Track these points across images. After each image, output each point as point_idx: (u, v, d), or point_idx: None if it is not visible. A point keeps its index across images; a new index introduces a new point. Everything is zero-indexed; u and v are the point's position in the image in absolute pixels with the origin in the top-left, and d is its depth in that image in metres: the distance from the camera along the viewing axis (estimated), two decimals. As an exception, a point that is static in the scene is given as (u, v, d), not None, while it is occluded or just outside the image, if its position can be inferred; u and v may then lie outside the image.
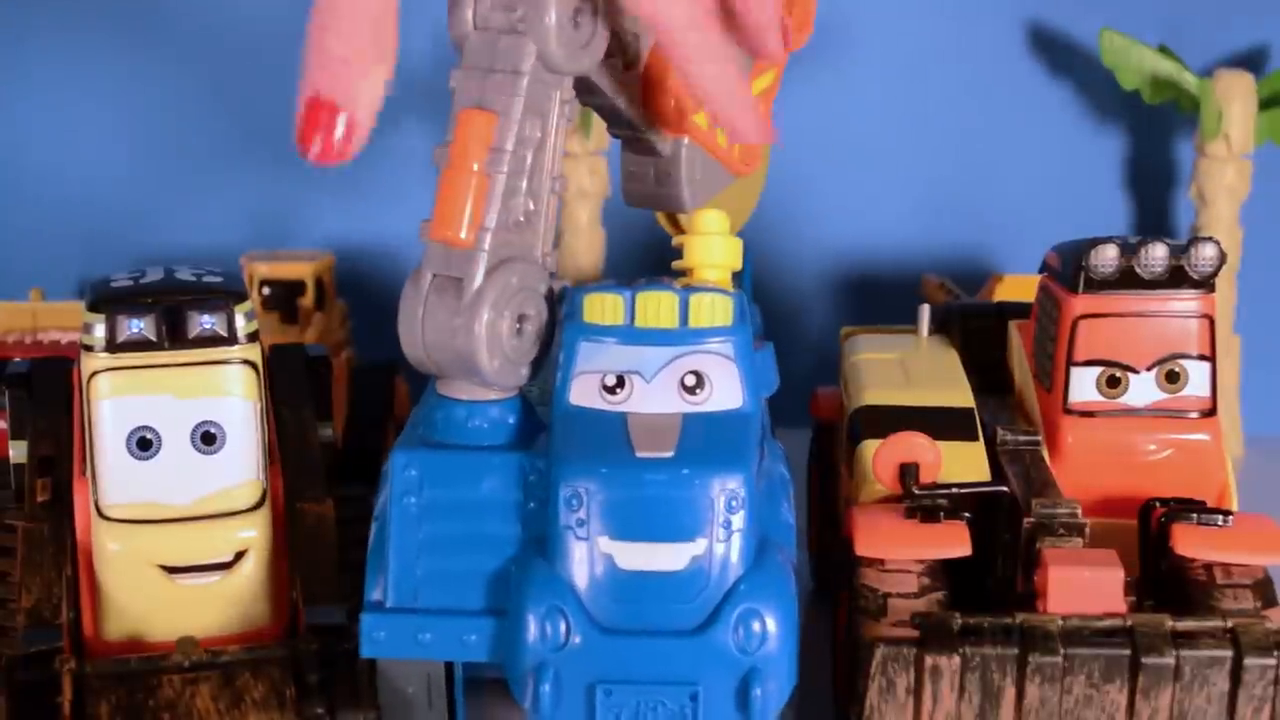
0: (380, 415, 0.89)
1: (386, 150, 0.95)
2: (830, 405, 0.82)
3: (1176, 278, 0.67)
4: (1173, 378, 0.68)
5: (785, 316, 1.11)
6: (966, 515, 0.64)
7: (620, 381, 0.61)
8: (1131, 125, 1.11)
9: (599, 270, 1.06)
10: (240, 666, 0.59)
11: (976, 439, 0.69)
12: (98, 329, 0.61)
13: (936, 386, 0.73)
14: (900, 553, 0.62)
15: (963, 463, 0.67)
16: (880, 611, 0.61)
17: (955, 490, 0.64)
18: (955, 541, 0.62)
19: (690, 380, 0.61)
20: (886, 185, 1.12)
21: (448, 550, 0.60)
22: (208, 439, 0.62)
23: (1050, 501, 0.63)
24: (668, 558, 0.58)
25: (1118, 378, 0.68)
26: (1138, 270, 0.67)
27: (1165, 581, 0.64)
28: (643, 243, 1.04)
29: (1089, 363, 0.68)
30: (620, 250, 1.08)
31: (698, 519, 0.58)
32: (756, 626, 0.58)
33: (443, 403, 0.62)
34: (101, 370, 0.61)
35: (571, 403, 0.61)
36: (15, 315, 0.97)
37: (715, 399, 0.61)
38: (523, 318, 0.61)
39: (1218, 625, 0.58)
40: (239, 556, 0.63)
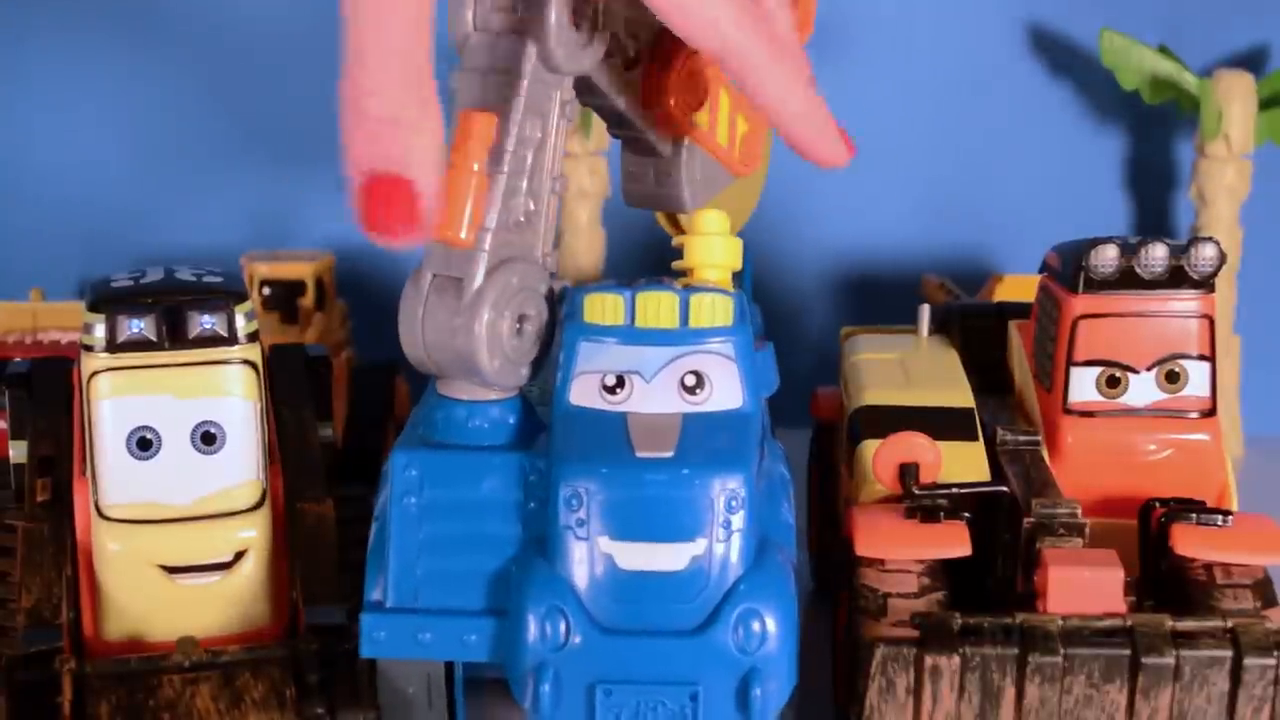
0: (380, 415, 0.89)
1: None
2: (830, 405, 0.82)
3: (1176, 278, 0.67)
4: (1173, 378, 0.68)
5: (785, 316, 1.11)
6: (966, 515, 0.64)
7: (620, 381, 0.61)
8: (1131, 125, 1.11)
9: (599, 270, 1.06)
10: (240, 666, 0.59)
11: (976, 439, 0.69)
12: (98, 329, 0.61)
13: (936, 386, 0.73)
14: (900, 553, 0.62)
15: (963, 463, 0.67)
16: (880, 611, 0.61)
17: (955, 490, 0.64)
18: (955, 541, 0.62)
19: (690, 380, 0.61)
20: (886, 185, 1.11)
21: (448, 550, 0.60)
22: (208, 439, 0.62)
23: (1050, 501, 0.63)
24: (668, 558, 0.58)
25: (1118, 378, 0.68)
26: (1138, 270, 0.67)
27: (1165, 581, 0.64)
28: (643, 243, 1.04)
29: (1089, 363, 0.68)
30: (620, 250, 1.07)
31: (698, 519, 0.58)
32: (756, 626, 0.58)
33: (443, 403, 0.62)
34: (101, 370, 0.61)
35: (572, 403, 0.61)
36: (15, 315, 0.97)
37: (715, 399, 0.61)
38: (523, 318, 0.61)
39: (1218, 625, 0.58)
40: (239, 556, 0.63)
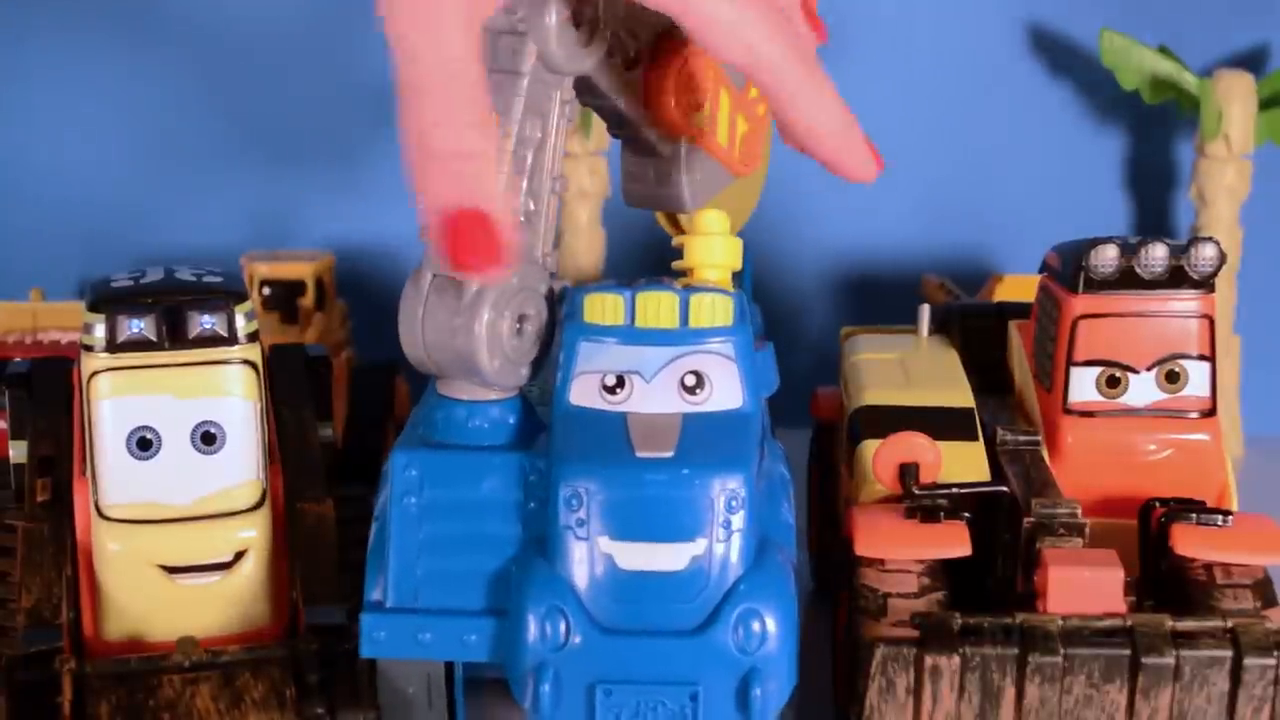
0: (380, 415, 0.89)
1: (386, 150, 0.95)
2: (830, 405, 0.82)
3: (1176, 278, 0.67)
4: (1173, 378, 0.68)
5: (785, 316, 1.11)
6: (966, 515, 0.64)
7: (620, 381, 0.61)
8: (1131, 125, 1.11)
9: (599, 270, 1.06)
10: (240, 666, 0.59)
11: (976, 439, 0.69)
12: (98, 329, 0.61)
13: (936, 386, 0.73)
14: (900, 553, 0.62)
15: (963, 463, 0.67)
16: (880, 611, 0.61)
17: (955, 490, 0.64)
18: (955, 541, 0.62)
19: (690, 380, 0.61)
20: (886, 185, 1.10)
21: (448, 550, 0.60)
22: (208, 439, 0.62)
23: (1050, 501, 0.63)
24: (668, 558, 0.58)
25: (1118, 378, 0.68)
26: (1138, 270, 0.67)
27: (1165, 581, 0.64)
28: (643, 243, 1.04)
29: (1089, 363, 0.68)
30: (620, 250, 1.07)
31: (698, 519, 0.58)
32: (756, 626, 0.58)
33: (443, 403, 0.62)
34: (101, 370, 0.61)
35: (571, 403, 0.61)
36: (15, 315, 0.97)
37: (715, 399, 0.61)
38: (523, 318, 0.61)
39: (1218, 625, 0.58)
40: (239, 556, 0.63)
